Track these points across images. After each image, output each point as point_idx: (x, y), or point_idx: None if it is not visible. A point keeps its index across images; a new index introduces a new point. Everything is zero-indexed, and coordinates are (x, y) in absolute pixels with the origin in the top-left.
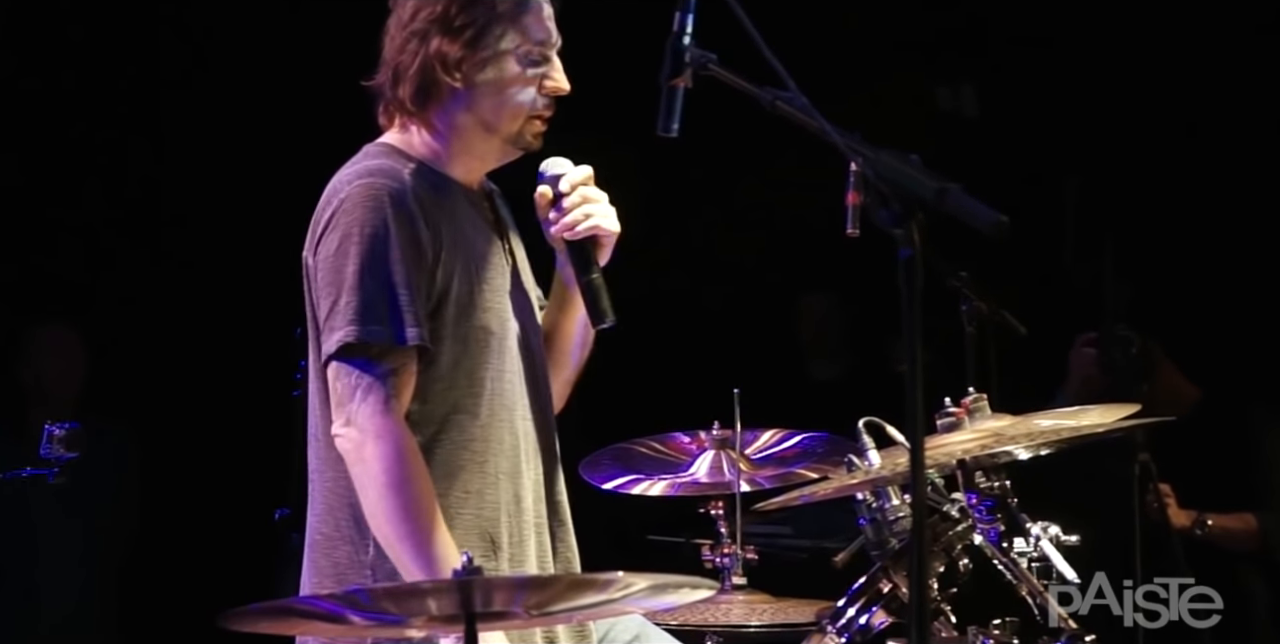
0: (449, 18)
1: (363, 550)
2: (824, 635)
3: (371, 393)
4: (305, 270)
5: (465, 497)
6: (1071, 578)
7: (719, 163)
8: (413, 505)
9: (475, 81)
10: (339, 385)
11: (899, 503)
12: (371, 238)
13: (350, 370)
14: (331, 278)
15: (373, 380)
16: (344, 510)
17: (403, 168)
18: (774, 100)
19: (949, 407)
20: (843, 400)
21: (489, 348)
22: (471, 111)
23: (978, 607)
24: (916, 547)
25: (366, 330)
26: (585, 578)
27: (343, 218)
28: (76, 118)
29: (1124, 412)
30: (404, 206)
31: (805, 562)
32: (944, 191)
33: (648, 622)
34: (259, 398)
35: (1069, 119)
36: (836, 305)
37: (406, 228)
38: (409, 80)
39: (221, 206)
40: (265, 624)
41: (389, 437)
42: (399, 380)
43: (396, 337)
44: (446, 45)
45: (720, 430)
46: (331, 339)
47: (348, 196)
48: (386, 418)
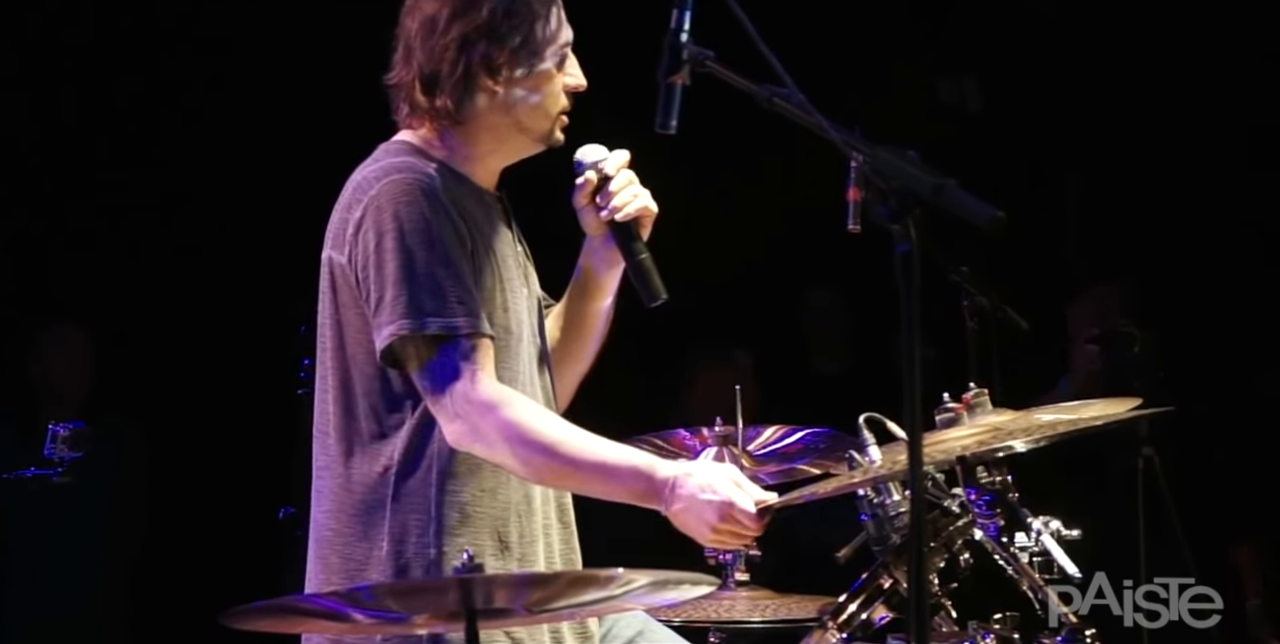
0: (494, 25)
1: (377, 546)
2: (825, 631)
3: (458, 378)
4: (330, 269)
5: (480, 495)
6: (1073, 573)
7: (721, 158)
8: (564, 448)
9: (515, 85)
10: (425, 384)
11: (900, 498)
12: (414, 232)
13: (427, 366)
14: (375, 275)
15: (454, 365)
16: (355, 507)
17: (426, 165)
18: (771, 97)
19: (948, 402)
20: (847, 395)
21: (508, 348)
22: (509, 114)
23: (979, 602)
24: (915, 542)
25: (423, 322)
26: (586, 574)
27: (378, 214)
28: (81, 116)
29: (1127, 405)
30: (438, 199)
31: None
32: (941, 187)
33: (650, 618)
34: (263, 396)
35: (1072, 113)
36: (840, 301)
37: (446, 220)
38: (450, 89)
39: (225, 205)
40: (267, 622)
41: (489, 406)
42: (477, 356)
43: (453, 325)
44: (496, 52)
45: (722, 427)
46: (383, 334)
47: (380, 193)
48: (478, 390)
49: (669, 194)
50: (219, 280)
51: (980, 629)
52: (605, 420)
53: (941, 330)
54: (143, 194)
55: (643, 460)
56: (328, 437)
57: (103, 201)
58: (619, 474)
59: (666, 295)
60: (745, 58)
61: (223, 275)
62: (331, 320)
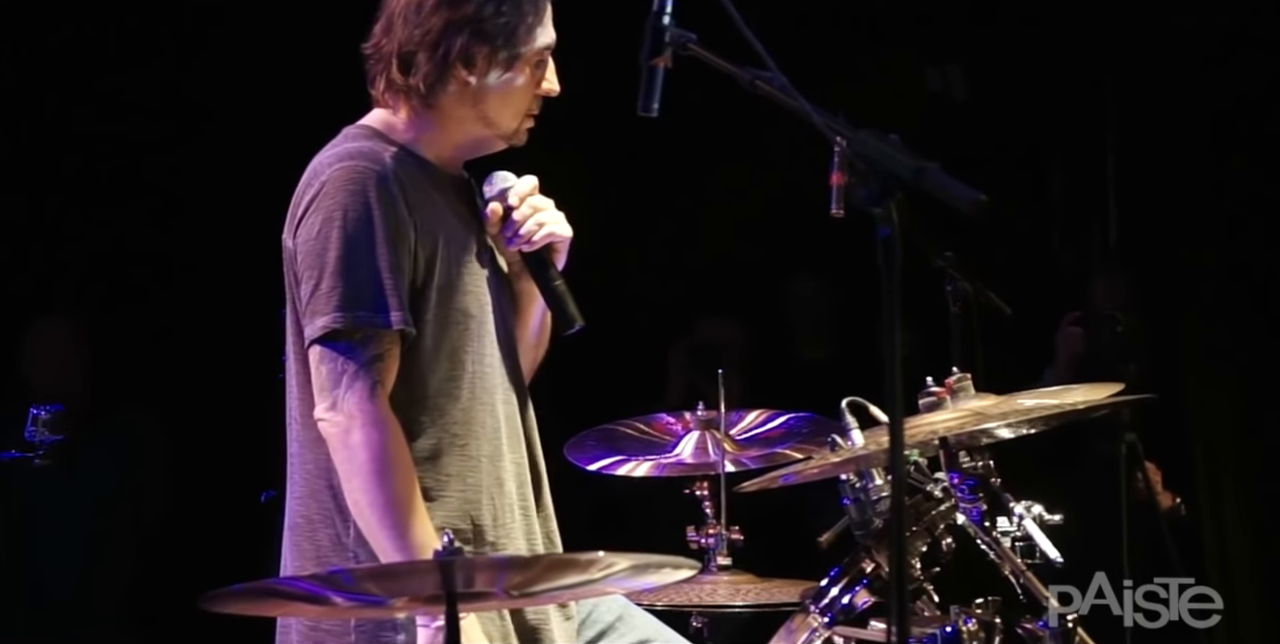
0: (480, 19)
1: (344, 533)
2: (807, 615)
3: (358, 379)
4: (285, 253)
5: (447, 479)
6: (1055, 557)
7: (703, 143)
8: (395, 495)
9: (488, 80)
10: (324, 370)
11: (882, 483)
12: (354, 221)
13: (335, 356)
14: (313, 262)
15: (359, 367)
16: (325, 493)
17: (384, 151)
18: (754, 80)
19: (931, 386)
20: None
21: (469, 331)
22: (476, 107)
23: (961, 586)
24: (896, 526)
25: (351, 315)
26: (566, 558)
27: (324, 201)
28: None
29: (1108, 391)
30: (386, 189)
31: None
32: (923, 170)
33: (630, 603)
34: (244, 380)
35: (1058, 100)
36: (825, 288)
37: (389, 210)
38: (424, 73)
39: (204, 190)
40: (247, 605)
41: (375, 423)
42: (384, 366)
43: (381, 320)
44: (476, 46)
45: (705, 411)
46: (315, 324)
47: (329, 179)
48: (373, 404)
49: (650, 181)
50: (198, 264)
51: (962, 613)
52: (589, 402)
53: (925, 315)
54: (122, 180)
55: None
56: (296, 422)
57: (82, 189)
58: (406, 548)
59: (582, 322)
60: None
61: (202, 259)
62: (292, 306)
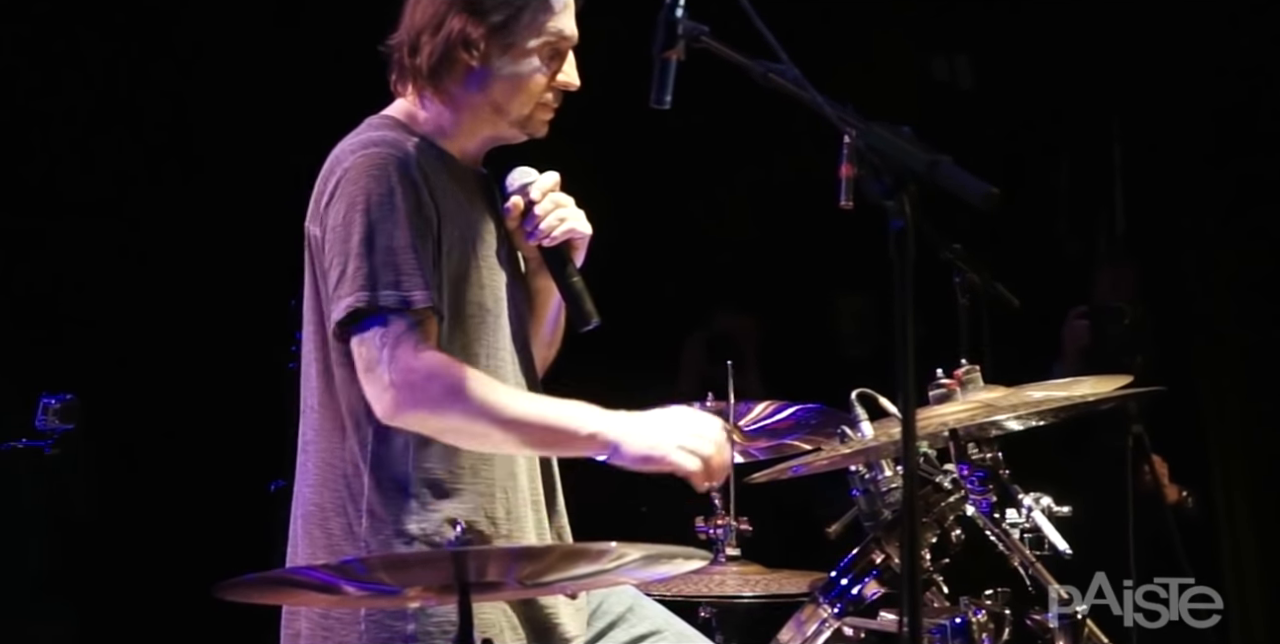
0: (478, 1)
1: (357, 522)
2: (816, 607)
3: (399, 346)
4: (307, 241)
5: (461, 473)
6: (1064, 549)
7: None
8: (510, 408)
9: (493, 64)
10: (363, 351)
11: (891, 474)
12: (378, 205)
13: (371, 335)
14: (340, 248)
15: (397, 335)
16: (338, 481)
17: (405, 140)
18: (766, 73)
19: (941, 378)
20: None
21: (484, 324)
22: (484, 92)
23: (970, 577)
24: (908, 517)
25: (379, 295)
26: (578, 548)
27: (348, 187)
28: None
29: (1116, 383)
30: (408, 174)
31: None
32: (935, 163)
33: (641, 594)
34: (254, 370)
35: (1063, 91)
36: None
37: (412, 196)
38: (427, 52)
39: (216, 178)
40: (259, 594)
41: (433, 372)
42: (423, 330)
43: (409, 298)
44: (471, 27)
45: (714, 402)
46: (341, 304)
47: (352, 166)
48: (419, 358)
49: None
50: (211, 252)
51: (971, 604)
52: (596, 396)
53: (934, 307)
54: (133, 165)
55: (589, 407)
56: (312, 411)
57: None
58: (568, 419)
59: (599, 319)
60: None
61: (215, 247)
62: (313, 293)
